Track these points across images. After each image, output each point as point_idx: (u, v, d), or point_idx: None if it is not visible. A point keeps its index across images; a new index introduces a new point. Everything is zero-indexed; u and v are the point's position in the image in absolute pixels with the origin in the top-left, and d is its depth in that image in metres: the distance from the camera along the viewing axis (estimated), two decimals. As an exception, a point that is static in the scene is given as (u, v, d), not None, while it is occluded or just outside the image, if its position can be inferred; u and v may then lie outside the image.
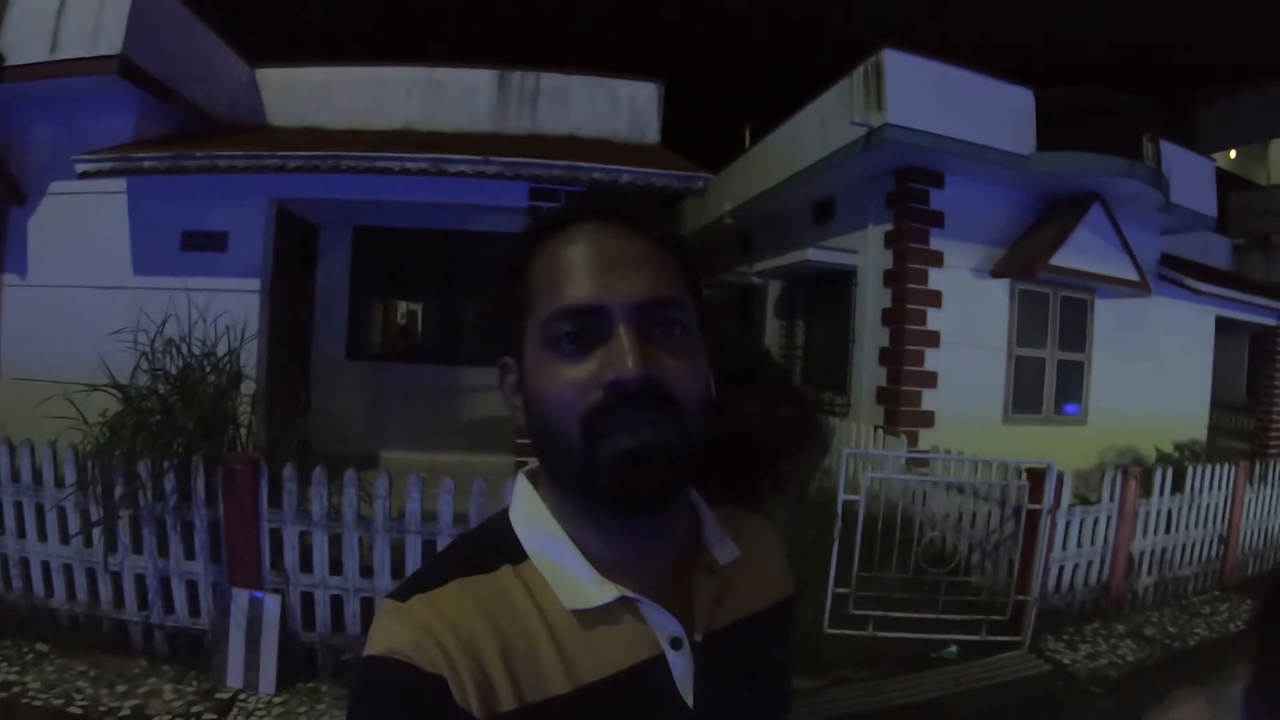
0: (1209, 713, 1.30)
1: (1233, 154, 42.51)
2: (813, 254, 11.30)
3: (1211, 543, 8.58)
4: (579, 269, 0.89)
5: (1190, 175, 12.28)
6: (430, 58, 9.83)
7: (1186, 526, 8.11)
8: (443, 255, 9.85)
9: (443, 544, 4.95)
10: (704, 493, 1.09)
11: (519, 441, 7.72)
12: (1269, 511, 9.38)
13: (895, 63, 9.47)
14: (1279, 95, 39.36)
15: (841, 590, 6.11)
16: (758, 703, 1.05)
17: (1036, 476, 6.36)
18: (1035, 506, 6.35)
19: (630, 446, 0.85)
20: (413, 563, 5.00)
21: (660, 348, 0.88)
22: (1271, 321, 16.59)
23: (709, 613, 0.98)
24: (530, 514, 0.97)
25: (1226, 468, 8.69)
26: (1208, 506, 8.43)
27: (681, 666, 0.93)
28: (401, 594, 0.88)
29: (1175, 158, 11.84)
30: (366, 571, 5.12)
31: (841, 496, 6.15)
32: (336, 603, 5.15)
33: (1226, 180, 39.71)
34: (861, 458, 7.67)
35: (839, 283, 11.62)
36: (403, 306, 10.72)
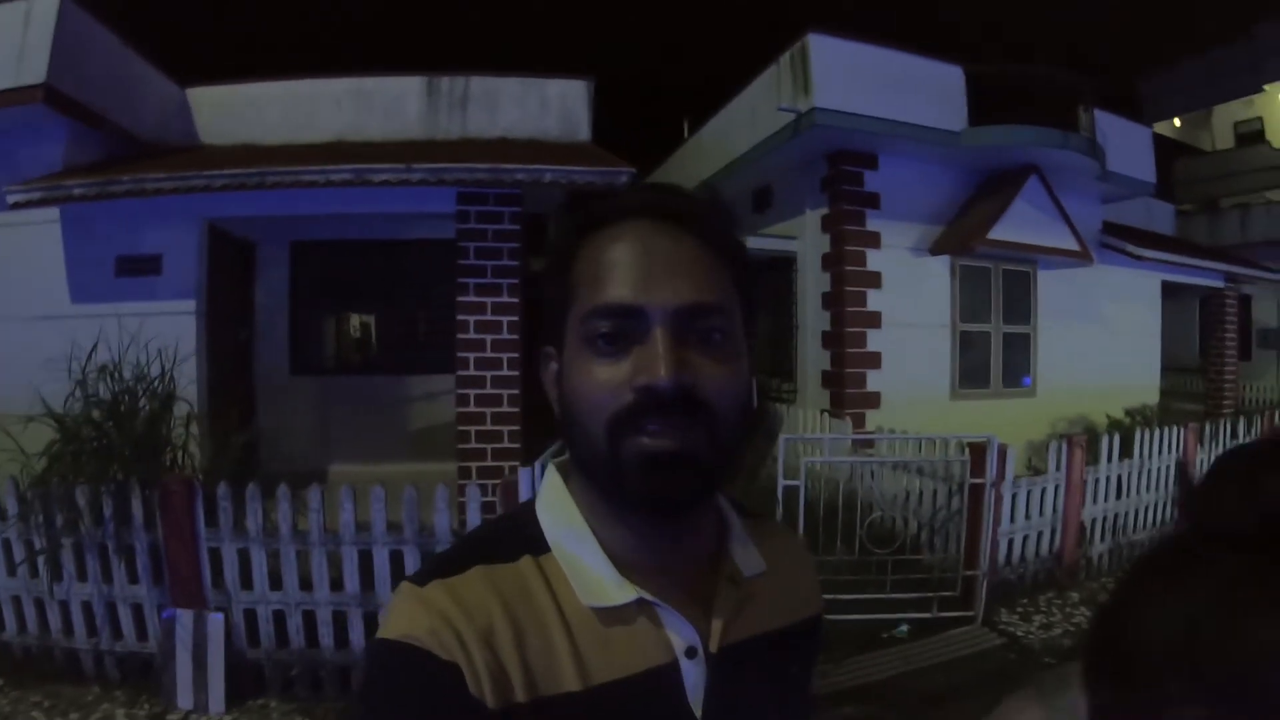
0: None
1: (1177, 122, 43.07)
2: (751, 242, 11.27)
3: (1166, 506, 8.57)
4: (622, 268, 0.88)
5: (1127, 143, 12.39)
6: (360, 68, 9.82)
7: (1138, 491, 8.17)
8: (381, 265, 9.83)
9: (378, 555, 5.08)
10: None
11: (461, 448, 7.79)
12: None
13: (821, 46, 9.50)
14: (1220, 64, 39.96)
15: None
16: (770, 719, 1.03)
17: (978, 450, 6.39)
18: (978, 480, 6.36)
19: (654, 450, 0.85)
20: (350, 574, 5.05)
21: (697, 353, 0.87)
22: (1218, 284, 16.90)
23: (728, 624, 0.96)
24: (556, 506, 0.97)
25: (1176, 430, 8.76)
26: (1158, 470, 8.46)
27: (694, 677, 0.91)
28: (421, 578, 0.88)
29: (1111, 127, 11.96)
30: (306, 585, 5.11)
31: (781, 482, 6.17)
32: (280, 618, 5.14)
33: (1172, 147, 40.37)
34: (800, 442, 7.67)
35: (780, 269, 11.68)
36: (355, 319, 10.63)
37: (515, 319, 7.94)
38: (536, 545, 0.93)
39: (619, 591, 0.89)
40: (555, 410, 0.95)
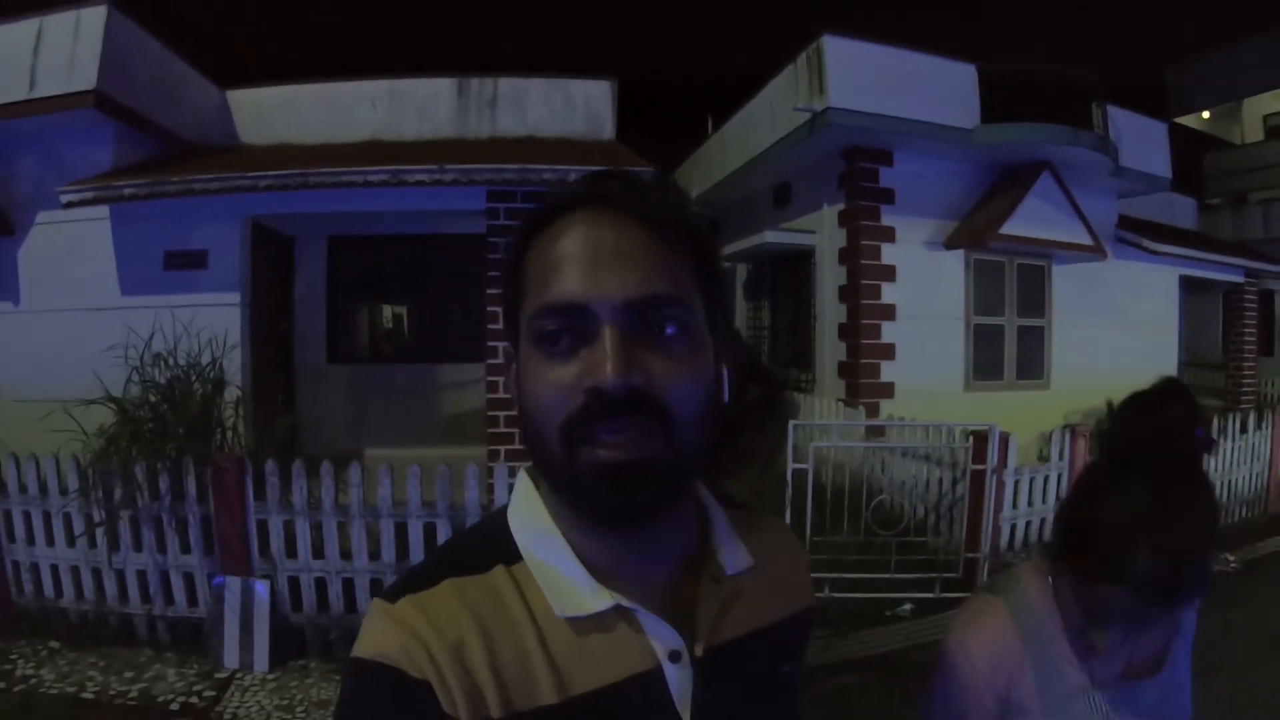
0: (1006, 614, 1.56)
1: (1206, 115, 42.73)
2: (770, 236, 11.71)
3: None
4: (566, 263, 0.83)
5: (1143, 139, 12.53)
6: (393, 69, 10.16)
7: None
8: (414, 259, 10.12)
9: (413, 527, 5.47)
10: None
11: (490, 432, 8.07)
12: (1231, 464, 9.66)
13: (835, 48, 9.77)
14: (1249, 56, 39.64)
15: (796, 556, 6.41)
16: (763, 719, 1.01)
17: (980, 439, 6.67)
18: (979, 467, 6.63)
19: (607, 460, 0.80)
20: (386, 544, 5.44)
21: (652, 351, 0.82)
22: (1239, 279, 16.96)
23: (713, 624, 0.94)
24: (528, 514, 0.94)
25: (1172, 424, 9.00)
26: (1160, 459, 8.72)
27: (679, 681, 0.89)
28: (392, 594, 0.86)
29: (1126, 123, 12.11)
30: (345, 555, 5.50)
31: (790, 465, 6.46)
32: (321, 585, 5.54)
33: (1200, 140, 40.12)
34: (810, 427, 7.90)
35: (799, 263, 12.03)
36: (387, 310, 11.00)
37: (539, 310, 8.16)
38: (509, 554, 0.91)
39: (594, 599, 0.87)
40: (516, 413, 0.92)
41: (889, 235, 10.51)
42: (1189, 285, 18.27)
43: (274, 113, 9.89)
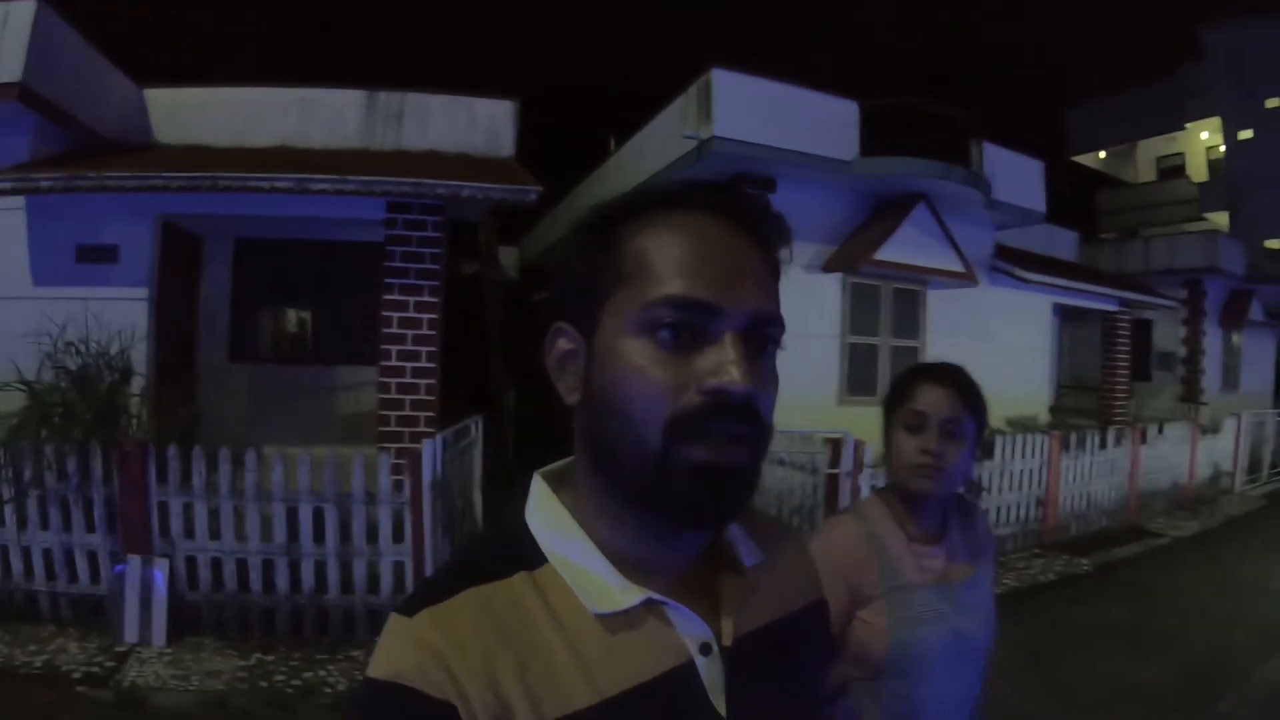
0: (856, 524, 2.02)
1: (1102, 154, 44.33)
2: (661, 257, 12.12)
3: (1029, 505, 9.56)
4: (699, 260, 0.83)
5: (1018, 176, 13.36)
6: (305, 79, 10.22)
7: (999, 490, 9.10)
8: (318, 264, 10.31)
9: (303, 511, 5.85)
10: None
11: (381, 430, 8.37)
12: (1090, 477, 10.44)
13: (723, 81, 10.35)
14: (1143, 102, 41.35)
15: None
16: (793, 709, 1.01)
17: (835, 445, 7.21)
18: (833, 471, 7.18)
19: (713, 461, 0.81)
20: (279, 528, 5.82)
21: (755, 363, 0.84)
22: (1113, 308, 17.96)
23: (737, 616, 0.94)
24: (549, 516, 0.93)
25: (1039, 437, 9.69)
26: (1021, 472, 9.42)
27: (712, 673, 0.89)
28: (410, 607, 0.84)
29: (1003, 160, 12.90)
30: (241, 537, 5.86)
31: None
32: (217, 565, 5.88)
33: (1096, 178, 41.68)
34: None
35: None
36: (291, 313, 11.08)
37: (435, 316, 8.52)
38: (530, 559, 0.89)
39: (625, 594, 0.86)
40: (570, 397, 0.91)
41: None
42: (1071, 313, 19.29)
43: (189, 114, 9.96)
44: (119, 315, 7.48)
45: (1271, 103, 36.62)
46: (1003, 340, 13.69)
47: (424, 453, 5.89)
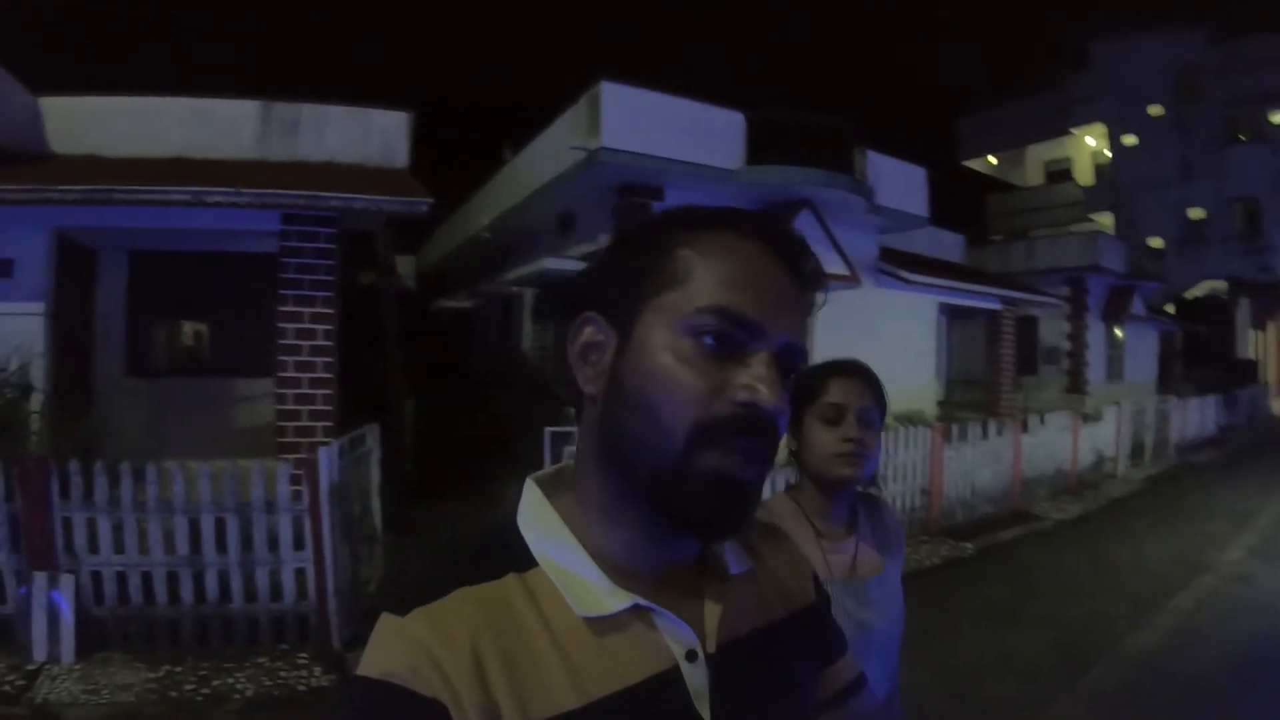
0: (796, 505, 2.09)
1: (992, 159, 45.66)
2: (549, 263, 12.33)
3: (914, 495, 10.06)
4: (753, 280, 0.86)
5: (902, 182, 13.98)
6: (202, 89, 10.04)
7: (886, 481, 9.46)
8: (215, 275, 10.24)
9: (205, 522, 5.89)
10: None
11: (280, 441, 8.42)
12: (973, 467, 10.99)
13: (611, 94, 10.67)
14: (1032, 107, 42.76)
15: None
16: (779, 716, 1.01)
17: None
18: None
19: (730, 474, 0.84)
20: (181, 539, 5.85)
21: (782, 387, 0.87)
22: (996, 307, 18.68)
23: (724, 622, 0.95)
24: (540, 519, 0.93)
25: (922, 430, 10.18)
26: (904, 464, 9.92)
27: (697, 679, 0.90)
28: (400, 606, 0.84)
29: (886, 167, 13.46)
30: (145, 550, 5.87)
31: (548, 467, 7.12)
32: (122, 579, 5.87)
33: (987, 183, 43.04)
34: (563, 434, 8.42)
35: (578, 288, 12.75)
36: (188, 326, 10.96)
37: (330, 327, 8.61)
38: (520, 562, 0.90)
39: (612, 599, 0.87)
40: (589, 386, 0.92)
41: None
42: (958, 312, 19.99)
43: (85, 123, 9.73)
44: (15, 331, 7.44)
45: (1154, 110, 38.31)
46: (889, 339, 14.05)
47: (320, 461, 5.95)
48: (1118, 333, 25.31)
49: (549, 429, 7.61)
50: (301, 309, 8.54)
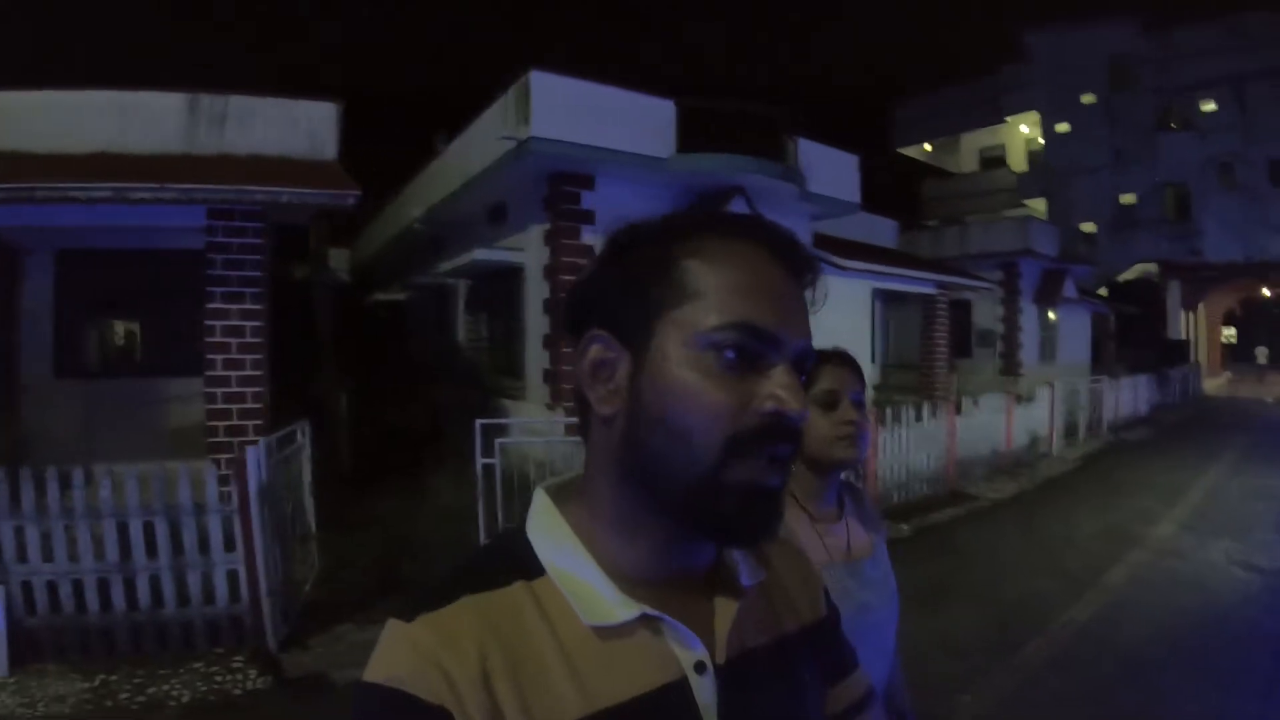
0: (788, 492, 2.14)
1: (927, 146, 46.38)
2: (479, 254, 12.53)
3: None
4: (764, 291, 0.87)
5: (834, 169, 14.09)
6: (128, 82, 9.82)
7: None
8: (145, 273, 10.05)
9: (134, 526, 5.76)
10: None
11: (210, 441, 8.32)
12: (908, 449, 11.14)
13: (541, 82, 10.63)
14: (967, 95, 43.52)
15: (491, 544, 7.14)
16: None
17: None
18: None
19: (761, 481, 0.85)
20: (111, 545, 5.70)
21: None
22: (930, 291, 18.96)
23: (732, 634, 0.95)
24: (550, 528, 0.94)
25: (856, 414, 10.26)
26: (837, 449, 9.93)
27: (706, 691, 0.90)
28: (407, 612, 0.85)
29: (818, 155, 13.55)
30: (75, 557, 5.72)
31: (479, 460, 7.21)
32: (53, 588, 5.71)
33: (923, 170, 43.77)
34: (494, 426, 8.34)
35: (510, 278, 12.86)
36: (119, 325, 10.74)
37: (259, 324, 8.50)
38: (529, 570, 0.90)
39: (622, 608, 0.87)
40: (604, 407, 0.91)
41: (588, 253, 11.17)
42: (893, 297, 20.28)
43: (5, 118, 9.27)
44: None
45: (1086, 98, 39.16)
46: (822, 325, 13.35)
47: (248, 460, 5.84)
48: (1051, 315, 25.74)
49: (479, 421, 7.57)
50: (229, 305, 8.42)
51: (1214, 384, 35.92)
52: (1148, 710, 5.11)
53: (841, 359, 2.10)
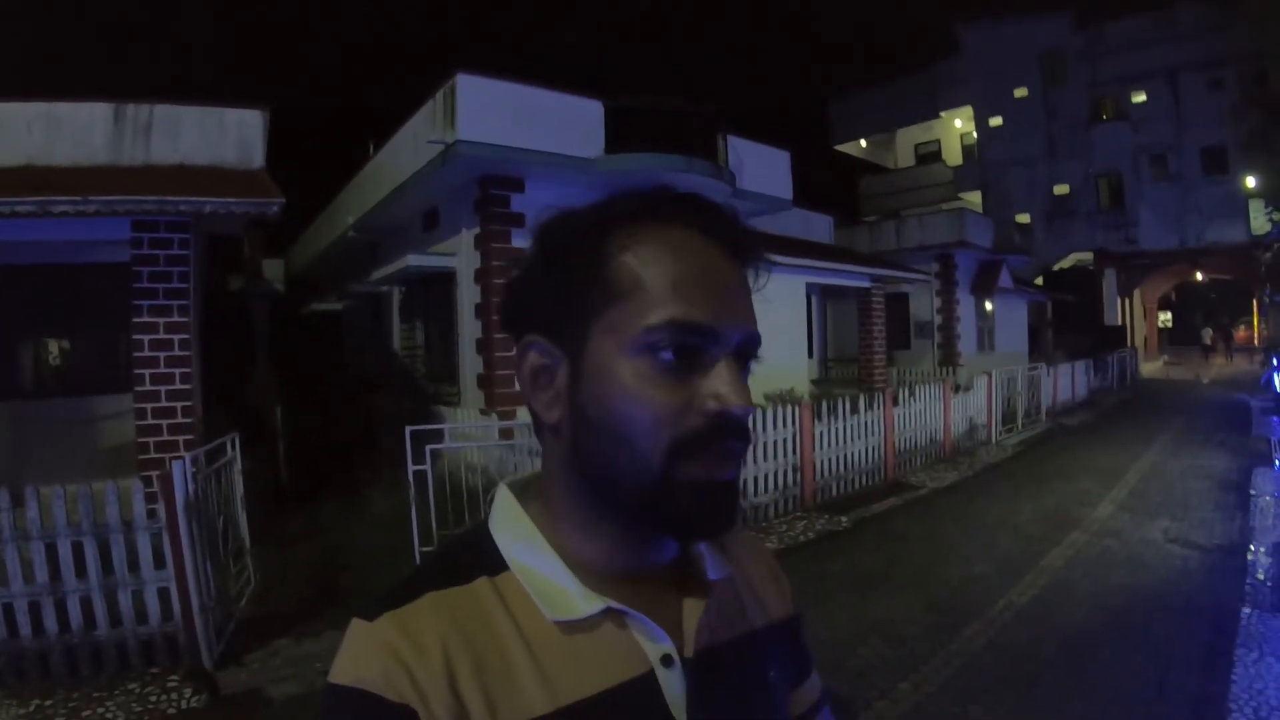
0: None
1: (863, 143, 46.96)
2: (412, 259, 12.46)
3: (787, 471, 10.19)
4: (696, 282, 0.84)
5: (765, 167, 14.29)
6: (51, 93, 9.61)
7: (756, 460, 9.67)
8: (75, 289, 9.93)
9: (62, 547, 5.64)
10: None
11: (141, 458, 8.15)
12: (844, 440, 11.25)
13: (467, 86, 10.62)
14: (901, 91, 44.13)
15: (426, 549, 7.13)
16: None
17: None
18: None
19: (713, 478, 0.83)
20: (39, 566, 5.59)
21: (745, 383, 0.86)
22: (866, 285, 19.24)
23: (702, 628, 0.94)
24: (512, 524, 0.93)
25: (791, 408, 10.34)
26: (776, 442, 10.07)
27: (673, 685, 0.89)
28: (370, 611, 0.84)
29: (749, 153, 13.71)
30: (2, 581, 5.61)
31: (411, 467, 7.16)
32: None
33: (859, 166, 44.38)
34: (424, 433, 8.22)
35: (443, 284, 12.86)
36: (52, 344, 10.42)
37: (187, 337, 8.37)
38: (491, 565, 0.90)
39: (585, 603, 0.87)
40: (548, 414, 0.90)
41: (518, 256, 11.12)
42: (831, 292, 20.52)
43: None
44: None
45: (1019, 92, 39.94)
46: (761, 320, 14.00)
47: (174, 475, 5.78)
48: (988, 305, 26.13)
49: (409, 428, 7.53)
50: (156, 319, 8.29)
51: (1151, 367, 36.83)
52: (1087, 688, 5.18)
53: None
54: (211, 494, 6.69)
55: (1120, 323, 37.02)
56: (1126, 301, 38.64)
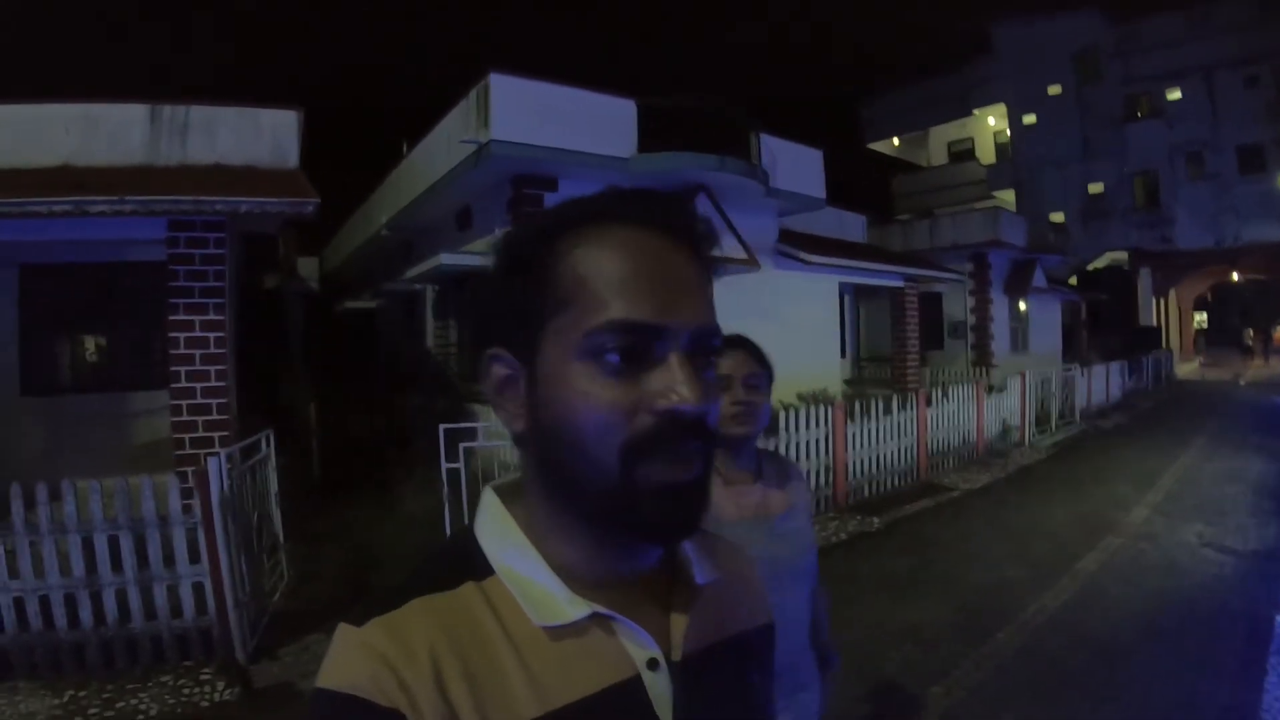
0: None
1: (896, 141, 46.73)
2: (445, 258, 12.40)
3: (820, 472, 10.14)
4: (638, 281, 0.83)
5: (799, 165, 14.23)
6: (90, 93, 9.70)
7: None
8: (112, 287, 10.04)
9: (98, 540, 5.70)
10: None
11: (177, 454, 8.23)
12: (877, 441, 11.18)
13: (501, 85, 10.69)
14: (935, 90, 43.89)
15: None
16: None
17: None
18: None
19: (671, 479, 0.82)
20: (76, 560, 5.66)
21: (701, 379, 0.84)
22: (899, 284, 19.08)
23: (689, 632, 0.94)
24: (497, 528, 0.93)
25: (823, 408, 10.28)
26: (808, 442, 10.01)
27: (659, 688, 0.89)
28: (358, 617, 0.84)
29: (783, 151, 13.67)
30: (40, 573, 5.66)
31: (444, 465, 7.22)
32: (19, 604, 5.66)
33: (893, 164, 44.16)
34: (457, 431, 8.26)
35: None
36: (89, 340, 10.53)
37: (222, 334, 8.45)
38: (478, 570, 0.89)
39: (571, 607, 0.86)
40: (515, 424, 0.90)
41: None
42: (865, 291, 20.43)
43: None
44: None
45: (1053, 89, 39.54)
46: (791, 319, 14.31)
47: (209, 471, 5.82)
48: (1021, 305, 25.90)
49: (443, 426, 7.57)
50: (193, 317, 8.37)
51: (1187, 368, 36.32)
52: (1119, 695, 5.13)
53: (734, 344, 2.20)
54: (246, 490, 6.75)
55: (1155, 323, 36.73)
56: (1162, 302, 38.31)
